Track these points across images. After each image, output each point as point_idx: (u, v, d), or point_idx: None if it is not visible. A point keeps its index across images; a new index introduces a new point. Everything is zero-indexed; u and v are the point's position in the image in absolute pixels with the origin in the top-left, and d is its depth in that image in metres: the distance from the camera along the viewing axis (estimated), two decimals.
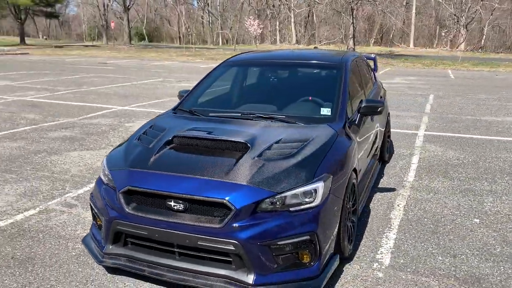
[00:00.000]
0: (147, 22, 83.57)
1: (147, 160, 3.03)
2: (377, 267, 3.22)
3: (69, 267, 3.14)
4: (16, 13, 46.93)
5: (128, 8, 46.70)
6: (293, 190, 2.73)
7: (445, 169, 5.60)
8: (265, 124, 3.48)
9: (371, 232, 3.78)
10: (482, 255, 3.40)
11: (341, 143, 3.30)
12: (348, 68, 4.20)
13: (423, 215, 4.14)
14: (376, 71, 6.32)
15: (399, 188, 4.88)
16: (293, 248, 2.71)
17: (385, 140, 5.60)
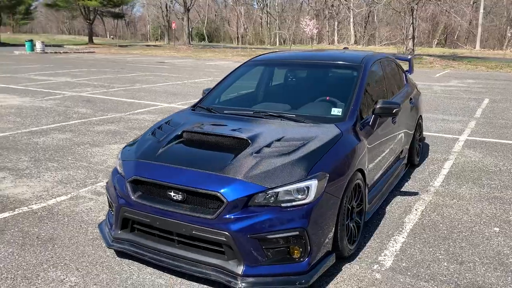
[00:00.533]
0: (207, 22, 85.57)
1: (155, 152, 3.22)
2: (377, 269, 3.21)
3: (84, 249, 3.40)
4: (85, 14, 49.80)
5: (188, 9, 48.12)
6: (285, 186, 2.81)
7: (478, 175, 5.38)
8: (273, 123, 3.57)
9: (380, 234, 3.75)
10: (491, 264, 3.28)
11: (345, 143, 3.31)
12: (367, 69, 4.17)
13: (440, 221, 4.04)
14: (411, 72, 6.17)
15: (422, 192, 4.77)
16: (284, 243, 2.78)
17: (414, 144, 5.47)
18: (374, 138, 3.88)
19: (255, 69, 4.73)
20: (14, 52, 33.02)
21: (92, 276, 3.03)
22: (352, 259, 3.34)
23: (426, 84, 15.85)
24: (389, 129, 4.34)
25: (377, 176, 4.13)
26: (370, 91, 4.29)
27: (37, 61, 23.80)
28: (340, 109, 3.76)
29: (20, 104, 9.95)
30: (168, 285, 2.95)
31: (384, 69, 4.73)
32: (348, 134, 3.44)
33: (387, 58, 5.16)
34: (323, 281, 3.03)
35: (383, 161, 4.24)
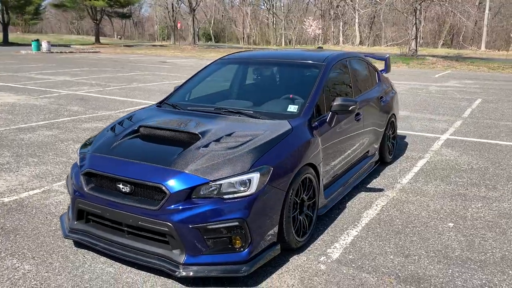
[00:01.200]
0: (214, 23, 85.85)
1: (110, 146, 3.35)
2: (323, 260, 3.30)
3: (44, 239, 3.54)
4: (92, 14, 50.27)
5: (193, 9, 48.36)
6: (228, 179, 2.92)
7: (448, 173, 5.45)
8: (229, 119, 3.68)
9: (335, 228, 3.85)
10: (436, 257, 3.36)
11: (294, 138, 3.41)
12: (328, 68, 4.28)
13: (397, 216, 4.12)
14: (386, 72, 6.25)
15: (387, 189, 4.86)
16: (225, 233, 2.89)
17: (385, 142, 5.54)
18: (332, 135, 3.98)
19: (225, 67, 4.85)
20: (21, 52, 33.46)
21: (46, 264, 3.17)
22: (302, 251, 3.44)
23: (423, 84, 15.87)
24: (352, 127, 4.43)
25: (336, 172, 4.23)
26: (331, 89, 4.39)
27: (41, 61, 24.13)
28: (297, 106, 3.87)
29: (15, 102, 10.16)
30: (116, 273, 3.07)
31: (350, 68, 4.82)
32: (299, 129, 3.54)
33: (356, 58, 5.25)
34: (267, 271, 3.14)
35: (344, 158, 4.34)
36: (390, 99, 5.78)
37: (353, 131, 4.47)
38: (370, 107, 4.99)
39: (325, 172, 3.91)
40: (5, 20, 48.77)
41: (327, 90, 4.24)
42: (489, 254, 3.43)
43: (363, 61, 5.41)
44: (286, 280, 3.05)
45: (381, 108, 5.36)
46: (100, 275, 3.04)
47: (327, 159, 3.95)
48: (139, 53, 35.50)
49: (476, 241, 3.65)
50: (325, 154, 3.86)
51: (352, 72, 4.83)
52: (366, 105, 4.88)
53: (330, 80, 4.40)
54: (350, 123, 4.38)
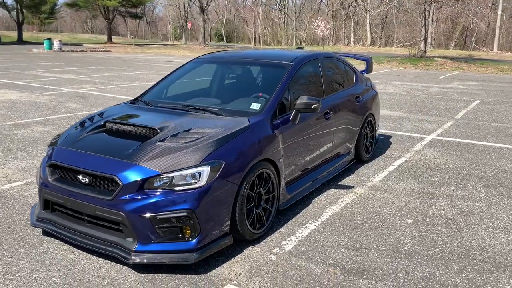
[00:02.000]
0: (226, 23, 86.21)
1: (75, 140, 3.54)
2: (276, 252, 3.45)
3: (15, 228, 3.74)
4: (105, 13, 50.95)
5: (204, 9, 48.72)
6: (179, 171, 3.08)
7: (422, 172, 5.54)
8: (193, 115, 3.85)
9: (295, 222, 3.98)
10: (385, 251, 3.48)
11: (250, 135, 3.56)
12: (296, 68, 4.42)
13: (359, 212, 4.24)
14: (367, 72, 6.35)
15: (358, 186, 4.97)
16: (175, 223, 3.06)
17: (361, 140, 5.65)
18: (296, 132, 4.11)
19: (200, 66, 5.02)
20: (33, 50, 34.15)
21: (12, 250, 3.37)
22: (257, 243, 3.58)
23: (425, 85, 15.86)
24: (320, 125, 4.56)
25: (302, 168, 4.36)
26: (300, 88, 4.52)
27: (51, 59, 24.62)
28: (260, 104, 4.01)
29: (17, 99, 10.47)
30: (76, 260, 3.25)
31: (322, 68, 4.94)
32: (257, 126, 3.69)
33: (331, 58, 5.38)
34: (220, 260, 3.29)
35: (311, 155, 4.47)
36: (368, 99, 5.88)
37: (321, 129, 4.59)
38: (343, 106, 5.11)
39: (287, 168, 4.05)
40: (20, 19, 49.65)
41: (294, 89, 4.38)
42: (438, 249, 3.54)
43: (338, 62, 5.53)
44: (235, 269, 3.19)
45: (357, 108, 5.47)
46: (60, 261, 3.23)
47: (291, 156, 4.09)
48: (149, 52, 35.92)
49: (430, 236, 3.75)
50: (288, 151, 4.00)
51: (324, 72, 4.96)
52: (338, 104, 4.99)
53: (298, 80, 4.53)
54: (318, 122, 4.51)
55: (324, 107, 4.66)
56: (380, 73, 20.63)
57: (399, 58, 29.47)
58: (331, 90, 5.02)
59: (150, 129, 3.50)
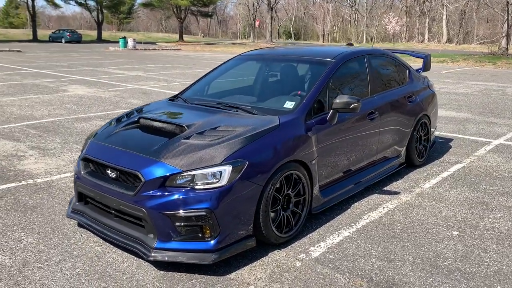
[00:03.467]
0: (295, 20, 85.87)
1: (108, 135, 3.62)
2: (302, 258, 3.29)
3: (54, 217, 3.91)
4: (177, 13, 52.75)
5: (272, 7, 48.78)
6: (201, 170, 3.03)
7: (480, 180, 5.07)
8: (224, 113, 3.78)
9: (328, 227, 3.79)
10: (421, 265, 3.20)
11: (279, 135, 3.42)
12: (337, 65, 4.21)
13: (400, 220, 3.95)
14: (423, 71, 5.93)
15: (404, 192, 4.65)
16: (195, 222, 3.01)
17: (413, 143, 5.28)
18: (333, 133, 3.92)
19: (244, 63, 4.96)
20: (109, 48, 36.17)
21: (47, 239, 3.51)
22: (284, 247, 3.45)
23: (501, 85, 14.70)
24: (363, 126, 4.31)
25: (341, 171, 4.15)
26: (342, 86, 4.31)
27: (123, 57, 25.90)
28: (294, 102, 3.86)
29: (84, 94, 11.08)
30: (102, 253, 3.32)
31: (369, 66, 4.67)
32: (288, 126, 3.54)
33: (380, 55, 5.08)
34: (241, 262, 3.21)
35: (352, 158, 4.24)
36: (423, 99, 5.49)
37: (364, 131, 4.34)
38: (391, 107, 4.80)
39: (323, 170, 3.87)
40: (99, 19, 52.78)
41: (335, 88, 4.18)
42: (483, 266, 3.19)
43: (389, 59, 5.21)
44: (256, 273, 3.09)
45: (408, 108, 5.12)
46: (87, 253, 3.31)
47: (328, 158, 3.90)
48: (216, 50, 36.65)
49: (476, 252, 3.40)
50: (324, 152, 3.82)
51: (370, 70, 4.68)
52: (385, 104, 4.70)
53: (340, 77, 4.33)
54: (360, 122, 4.27)
55: (368, 107, 4.41)
56: (453, 72, 19.45)
57: (477, 56, 27.59)
58: (378, 89, 4.73)
59: (178, 126, 3.49)
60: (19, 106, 9.18)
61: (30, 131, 7.07)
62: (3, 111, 8.66)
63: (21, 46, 36.03)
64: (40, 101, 9.95)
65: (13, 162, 5.45)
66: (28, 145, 6.22)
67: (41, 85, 12.55)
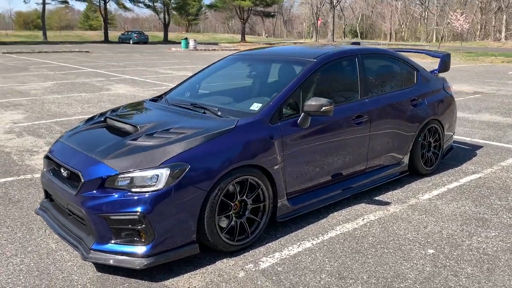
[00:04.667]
0: (362, 19, 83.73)
1: (73, 134, 3.67)
2: (248, 268, 3.12)
3: (30, 212, 4.03)
4: (240, 13, 53.43)
5: (334, 6, 47.88)
6: (138, 172, 2.97)
7: (490, 194, 4.56)
8: (188, 115, 3.69)
9: (293, 237, 3.57)
10: (374, 285, 2.90)
11: (232, 137, 3.27)
12: (317, 66, 3.97)
13: (375, 234, 3.64)
14: (439, 71, 5.44)
15: (396, 203, 4.29)
16: (130, 225, 2.95)
17: (417, 150, 4.87)
18: (305, 138, 3.70)
19: (232, 64, 4.82)
20: (171, 49, 37.40)
21: (12, 233, 3.62)
22: (237, 255, 3.29)
23: None
24: (347, 131, 4.03)
25: (315, 179, 3.90)
26: (320, 88, 4.08)
27: (180, 57, 26.63)
28: (261, 104, 3.69)
29: (123, 93, 11.49)
30: (54, 250, 3.36)
31: (361, 66, 4.35)
32: (245, 128, 3.37)
33: (378, 54, 4.74)
34: (184, 269, 3.11)
35: (330, 165, 3.97)
36: (434, 102, 5.03)
37: (348, 136, 4.06)
38: (388, 110, 4.45)
39: (293, 177, 3.66)
40: (166, 21, 54.78)
41: (314, 89, 3.95)
42: None
43: (390, 59, 4.83)
44: (193, 281, 2.97)
45: (411, 112, 4.72)
46: (40, 249, 3.37)
47: (299, 164, 3.69)
48: None
49: (444, 274, 3.03)
50: (293, 158, 3.62)
51: (362, 71, 4.36)
52: (379, 108, 4.37)
53: (323, 79, 4.09)
54: (343, 127, 4.00)
55: (354, 111, 4.13)
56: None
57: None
58: (371, 92, 4.40)
59: (133, 126, 3.46)
60: (58, 104, 9.70)
61: (55, 127, 7.43)
62: (42, 108, 9.20)
63: (91, 47, 38.32)
64: (80, 99, 10.46)
65: (23, 157, 5.74)
66: (46, 141, 6.53)
67: (89, 84, 13.20)
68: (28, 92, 11.45)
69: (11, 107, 9.31)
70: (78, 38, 53.32)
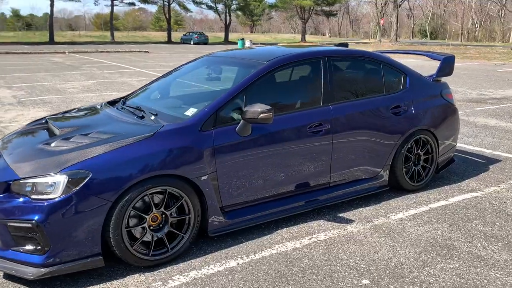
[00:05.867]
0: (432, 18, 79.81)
1: (11, 135, 3.67)
2: (155, 286, 2.91)
3: None
4: (301, 13, 52.92)
5: (398, 5, 45.91)
6: (37, 178, 2.85)
7: (476, 217, 3.98)
8: (120, 119, 3.54)
9: (223, 254, 3.30)
10: None
11: (151, 144, 3.07)
12: (266, 69, 3.67)
13: (312, 257, 3.27)
14: (438, 76, 4.85)
15: (359, 222, 3.86)
16: (25, 233, 2.83)
17: (398, 164, 4.36)
18: (246, 147, 3.42)
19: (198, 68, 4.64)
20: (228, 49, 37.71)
21: None
22: (152, 270, 3.09)
23: None
24: (299, 140, 3.69)
25: (262, 192, 3.60)
26: (271, 94, 3.78)
27: None
28: (196, 110, 3.45)
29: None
30: None
31: (327, 70, 3.94)
32: (168, 135, 3.16)
33: (351, 57, 4.31)
34: (87, 281, 2.96)
35: (279, 177, 3.65)
36: (424, 110, 4.49)
37: (301, 146, 3.70)
38: (359, 118, 4.03)
39: (230, 188, 3.40)
40: (227, 22, 55.55)
41: (262, 95, 3.65)
42: None
43: (369, 62, 4.37)
44: None
45: (392, 121, 4.25)
46: None
47: (238, 175, 3.42)
48: None
49: None
50: (231, 168, 3.36)
51: (328, 75, 3.96)
52: (348, 115, 3.96)
53: (273, 83, 3.79)
54: (294, 136, 3.66)
55: (312, 118, 3.76)
56: None
57: None
58: (338, 97, 3.99)
59: (58, 129, 3.38)
60: (85, 102, 10.02)
61: None
62: (68, 106, 9.53)
63: (152, 47, 39.72)
64: (108, 98, 10.74)
65: None
66: None
67: (126, 83, 13.57)
68: (66, 90, 11.98)
69: (41, 104, 9.75)
70: (144, 39, 55.56)
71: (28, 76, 15.12)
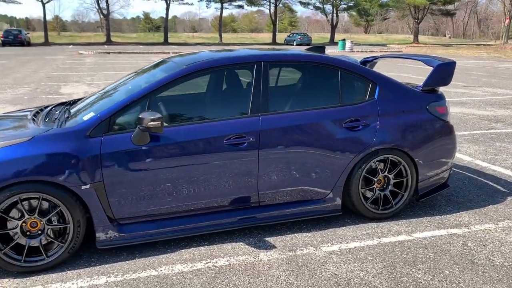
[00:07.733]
0: None
1: None
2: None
3: None
4: (414, 13, 49.72)
5: None
6: None
7: (427, 260, 3.23)
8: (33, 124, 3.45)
9: (108, 268, 3.12)
10: None
11: (24, 149, 2.98)
12: (179, 74, 3.39)
13: (173, 284, 2.92)
14: (427, 85, 4.01)
15: (277, 251, 3.37)
16: None
17: (353, 186, 3.72)
18: (142, 157, 3.19)
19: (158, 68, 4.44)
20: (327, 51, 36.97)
21: None
22: (30, 276, 3.03)
23: None
24: (214, 154, 3.34)
25: (161, 206, 3.33)
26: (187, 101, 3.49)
27: None
28: (93, 114, 3.31)
29: None
30: None
31: (259, 77, 3.50)
32: (44, 140, 3.05)
33: (301, 62, 3.79)
34: None
35: (185, 192, 3.34)
36: (395, 126, 3.78)
37: (214, 159, 3.34)
38: (297, 132, 3.52)
39: (124, 200, 3.20)
40: (333, 22, 54.42)
41: (171, 103, 3.41)
42: None
43: (324, 68, 3.77)
44: None
45: (345, 136, 3.65)
46: None
47: (133, 187, 3.21)
48: (442, 53, 33.00)
49: None
50: (123, 179, 3.17)
51: (261, 82, 3.51)
52: (281, 128, 3.49)
53: (188, 90, 3.50)
54: (205, 147, 3.32)
55: (231, 129, 3.38)
56: None
57: None
58: (270, 108, 3.53)
59: None
60: None
61: None
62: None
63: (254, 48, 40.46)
64: None
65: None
66: None
67: None
68: None
69: None
70: (251, 40, 56.91)
71: (116, 74, 16.34)
